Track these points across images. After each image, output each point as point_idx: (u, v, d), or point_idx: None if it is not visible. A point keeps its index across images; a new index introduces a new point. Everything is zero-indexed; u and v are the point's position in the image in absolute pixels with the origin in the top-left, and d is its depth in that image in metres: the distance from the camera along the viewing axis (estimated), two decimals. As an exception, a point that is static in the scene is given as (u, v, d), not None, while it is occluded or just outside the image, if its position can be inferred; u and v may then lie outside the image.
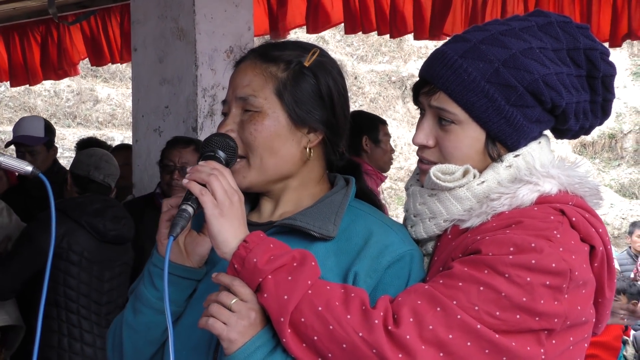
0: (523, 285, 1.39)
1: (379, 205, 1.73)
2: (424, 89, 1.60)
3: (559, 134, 1.67)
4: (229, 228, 1.46)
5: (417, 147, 1.67)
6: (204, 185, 1.47)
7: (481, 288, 1.39)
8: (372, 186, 2.66)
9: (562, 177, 1.54)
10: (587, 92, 1.60)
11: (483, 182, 1.55)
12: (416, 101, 1.64)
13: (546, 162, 1.58)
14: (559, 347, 1.46)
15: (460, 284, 1.40)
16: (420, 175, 1.66)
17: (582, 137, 1.75)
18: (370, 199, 1.72)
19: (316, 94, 1.62)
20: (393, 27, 5.00)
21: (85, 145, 5.76)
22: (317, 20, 5.21)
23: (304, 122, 1.61)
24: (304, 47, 1.66)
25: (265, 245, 1.44)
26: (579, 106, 1.59)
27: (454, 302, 1.39)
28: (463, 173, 1.56)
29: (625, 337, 5.25)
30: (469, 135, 1.56)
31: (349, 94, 1.72)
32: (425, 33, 4.86)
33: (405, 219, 1.68)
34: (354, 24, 5.16)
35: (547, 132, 1.67)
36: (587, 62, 1.59)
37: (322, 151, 1.66)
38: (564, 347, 1.47)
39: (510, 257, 1.40)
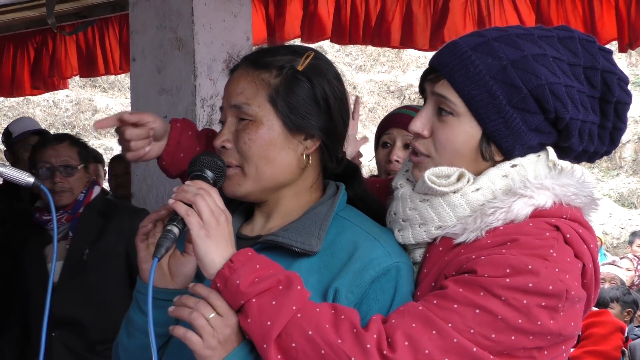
0: (519, 308, 1.37)
1: (376, 209, 1.69)
2: (429, 76, 1.57)
3: (561, 152, 1.62)
4: (215, 249, 1.43)
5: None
6: (190, 205, 1.44)
7: (477, 311, 1.37)
8: None
9: (557, 188, 1.51)
10: (597, 115, 1.56)
11: (478, 189, 1.52)
12: (421, 89, 1.61)
13: (540, 175, 1.54)
14: (550, 356, 1.46)
15: (455, 306, 1.38)
16: (412, 170, 1.61)
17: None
18: (367, 203, 1.69)
19: (311, 98, 1.58)
20: (375, 37, 4.99)
21: None
22: (312, 31, 5.20)
23: (300, 129, 1.58)
24: (297, 52, 1.62)
25: (251, 266, 1.41)
26: (585, 126, 1.54)
27: (449, 325, 1.37)
28: (458, 177, 1.53)
29: (624, 349, 5.23)
30: (465, 130, 1.53)
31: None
32: (416, 43, 4.85)
33: (390, 222, 1.63)
34: (343, 35, 5.15)
35: (549, 149, 1.63)
36: (603, 84, 1.55)
37: (319, 158, 1.63)
38: (556, 354, 1.47)
39: (507, 279, 1.38)
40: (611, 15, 4.38)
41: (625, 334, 5.03)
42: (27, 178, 1.59)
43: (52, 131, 13.76)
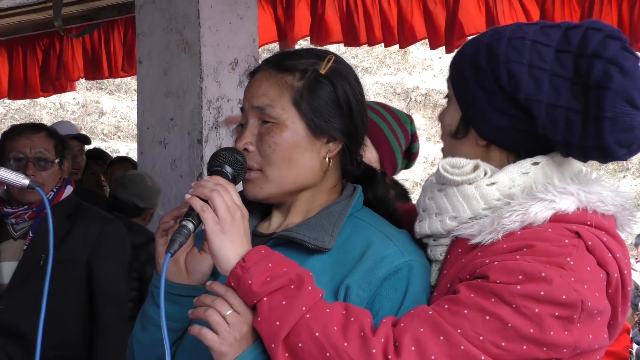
0: (531, 317, 1.33)
1: (395, 213, 1.69)
2: None
3: (563, 148, 1.50)
4: (229, 245, 1.43)
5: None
6: (206, 201, 1.44)
7: (487, 317, 1.34)
8: None
9: (582, 194, 1.46)
10: (578, 102, 1.43)
11: (493, 183, 1.49)
12: None
13: (567, 177, 1.50)
14: None
15: (465, 311, 1.36)
16: None
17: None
18: (386, 206, 1.69)
19: (334, 101, 1.59)
20: (401, 37, 4.98)
21: (91, 156, 5.77)
22: (320, 34, 5.21)
23: (323, 132, 1.58)
24: (319, 55, 1.63)
25: (264, 264, 1.41)
26: (556, 111, 1.44)
27: (458, 331, 1.34)
28: (473, 168, 1.51)
29: (631, 350, 5.24)
30: (452, 112, 1.59)
31: None
32: (440, 41, 4.85)
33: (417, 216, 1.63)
34: (356, 37, 5.15)
35: None
36: (588, 70, 1.43)
37: (339, 160, 1.64)
38: None
39: (519, 286, 1.34)
40: (613, 16, 4.37)
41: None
42: (22, 180, 1.58)
43: (58, 133, 13.82)
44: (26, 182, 1.57)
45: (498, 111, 1.50)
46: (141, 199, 4.10)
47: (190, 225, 1.45)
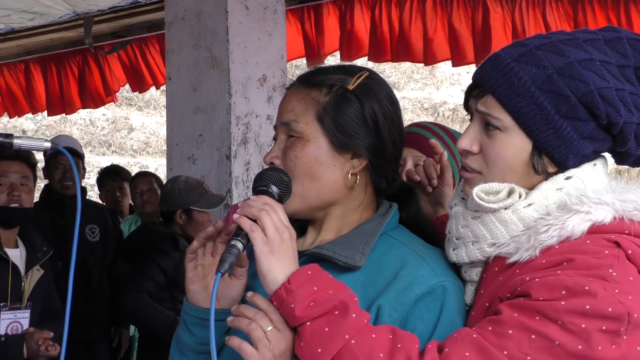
0: (578, 333, 1.30)
1: (430, 232, 1.67)
2: (473, 92, 1.52)
3: (619, 158, 1.54)
4: (278, 266, 1.41)
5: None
6: (254, 220, 1.44)
7: (533, 336, 1.31)
8: None
9: (617, 203, 1.43)
10: None
11: (530, 204, 1.46)
12: (466, 106, 1.56)
13: (599, 188, 1.47)
14: None
15: (510, 331, 1.32)
16: (464, 186, 1.56)
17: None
18: (420, 226, 1.67)
19: (359, 117, 1.57)
20: (427, 55, 4.97)
21: (107, 173, 5.81)
22: (350, 49, 5.21)
23: (347, 147, 1.57)
24: (349, 71, 1.62)
25: (309, 288, 1.39)
26: None
27: (505, 352, 1.31)
28: (508, 193, 1.47)
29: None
30: (514, 144, 1.47)
31: None
32: (463, 59, 4.83)
33: (447, 241, 1.59)
34: (379, 53, 5.15)
35: (607, 155, 1.56)
36: None
37: (369, 177, 1.62)
38: None
39: (563, 302, 1.31)
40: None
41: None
42: (43, 144, 1.63)
43: (88, 149, 13.93)
44: (47, 145, 1.63)
45: (588, 139, 1.46)
46: (163, 203, 4.23)
47: (240, 245, 1.44)
